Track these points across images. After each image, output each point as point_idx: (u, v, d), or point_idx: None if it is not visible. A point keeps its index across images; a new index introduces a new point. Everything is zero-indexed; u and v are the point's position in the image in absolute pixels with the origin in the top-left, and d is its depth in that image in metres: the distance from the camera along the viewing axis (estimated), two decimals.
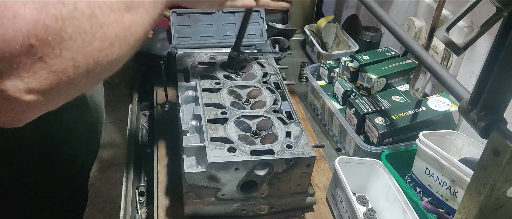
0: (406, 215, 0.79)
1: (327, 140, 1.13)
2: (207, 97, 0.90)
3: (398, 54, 1.22)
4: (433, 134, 0.87)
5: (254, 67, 1.03)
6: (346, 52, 1.34)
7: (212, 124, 0.82)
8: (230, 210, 0.83)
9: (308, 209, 0.89)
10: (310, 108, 1.25)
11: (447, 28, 0.61)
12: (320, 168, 1.00)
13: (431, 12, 1.06)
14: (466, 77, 1.06)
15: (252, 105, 0.91)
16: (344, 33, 1.44)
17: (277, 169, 0.78)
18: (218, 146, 0.76)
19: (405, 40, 0.81)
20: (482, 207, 0.51)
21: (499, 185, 0.49)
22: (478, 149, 0.87)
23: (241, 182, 0.78)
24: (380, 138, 0.95)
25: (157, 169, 0.96)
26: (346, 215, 0.82)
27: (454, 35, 1.02)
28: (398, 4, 1.36)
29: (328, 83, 1.24)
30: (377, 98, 1.05)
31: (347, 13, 1.66)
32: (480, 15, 0.96)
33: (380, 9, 0.90)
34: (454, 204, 0.81)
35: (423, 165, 0.86)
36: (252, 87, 0.96)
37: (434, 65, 0.71)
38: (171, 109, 1.15)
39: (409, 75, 1.15)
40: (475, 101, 0.53)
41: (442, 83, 0.68)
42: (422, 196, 0.88)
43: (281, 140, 0.81)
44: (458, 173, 0.77)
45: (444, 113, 0.99)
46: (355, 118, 1.02)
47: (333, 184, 0.89)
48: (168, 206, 0.87)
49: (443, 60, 1.04)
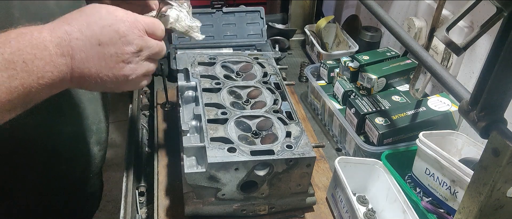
0: (406, 215, 0.79)
1: (327, 140, 1.13)
2: (207, 97, 0.90)
3: (398, 54, 1.22)
4: (433, 134, 0.87)
5: (254, 67, 1.03)
6: (346, 52, 1.34)
7: (212, 124, 0.82)
8: (230, 210, 0.83)
9: (308, 209, 0.89)
10: (310, 108, 1.25)
11: (447, 28, 0.61)
12: (320, 168, 1.00)
13: (431, 12, 1.06)
14: (466, 77, 1.06)
15: (252, 105, 0.91)
16: (344, 33, 1.44)
17: (277, 169, 0.78)
18: (218, 146, 0.77)
19: (405, 40, 0.81)
20: (482, 207, 0.52)
21: (499, 185, 0.49)
22: (478, 149, 0.87)
23: (241, 182, 0.78)
24: (380, 138, 0.95)
25: (157, 169, 0.96)
26: (346, 215, 0.82)
27: (454, 35, 1.02)
28: (398, 4, 1.36)
29: (328, 83, 1.24)
30: (377, 98, 1.05)
31: (347, 13, 1.66)
32: (480, 15, 0.96)
33: (380, 9, 0.90)
34: (454, 204, 0.81)
35: (423, 165, 0.86)
36: (252, 87, 0.96)
37: (434, 65, 0.71)
38: (171, 109, 1.15)
39: (409, 75, 1.15)
40: (475, 101, 0.53)
41: (442, 83, 0.68)
42: (422, 196, 0.88)
43: (281, 140, 0.80)
44: (458, 173, 0.77)
45: (444, 113, 0.99)
46: (355, 118, 1.02)
47: (333, 184, 0.89)
48: (168, 206, 0.87)
49: (443, 60, 1.04)
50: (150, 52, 0.68)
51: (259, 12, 1.33)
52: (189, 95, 0.95)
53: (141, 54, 0.66)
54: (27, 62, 0.55)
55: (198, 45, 1.26)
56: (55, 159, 0.88)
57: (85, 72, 0.61)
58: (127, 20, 0.64)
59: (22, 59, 0.54)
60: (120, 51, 0.63)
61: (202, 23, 1.27)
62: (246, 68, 1.03)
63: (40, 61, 0.56)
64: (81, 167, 0.96)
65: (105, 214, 2.10)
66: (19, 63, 0.54)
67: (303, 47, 1.58)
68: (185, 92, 0.95)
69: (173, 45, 1.20)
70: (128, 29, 0.64)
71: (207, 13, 1.28)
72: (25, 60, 0.55)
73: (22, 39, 0.56)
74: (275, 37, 1.47)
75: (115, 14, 0.64)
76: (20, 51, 0.55)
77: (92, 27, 0.62)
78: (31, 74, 0.55)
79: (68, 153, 0.90)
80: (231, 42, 1.30)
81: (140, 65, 0.67)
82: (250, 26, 1.33)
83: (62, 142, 0.88)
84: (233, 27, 1.30)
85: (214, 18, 1.28)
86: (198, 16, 1.26)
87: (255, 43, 1.30)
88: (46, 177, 0.90)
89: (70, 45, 0.59)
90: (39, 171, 0.87)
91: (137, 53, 0.66)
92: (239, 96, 0.94)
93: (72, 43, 0.60)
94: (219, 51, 1.23)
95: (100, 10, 0.64)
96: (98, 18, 0.63)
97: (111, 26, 0.63)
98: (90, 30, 0.61)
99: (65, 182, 0.94)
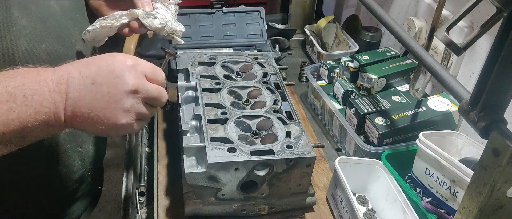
0: (406, 215, 0.79)
1: (327, 140, 1.13)
2: (207, 97, 0.90)
3: (398, 54, 1.22)
4: (433, 134, 0.87)
5: (254, 67, 1.03)
6: (346, 52, 1.34)
7: (212, 124, 0.82)
8: (230, 210, 0.83)
9: (308, 209, 0.89)
10: (310, 108, 1.25)
11: (447, 28, 0.61)
12: (320, 168, 1.00)
13: (431, 12, 1.06)
14: (466, 77, 1.06)
15: (252, 105, 0.91)
16: (344, 33, 1.44)
17: (277, 169, 0.78)
18: (218, 146, 0.77)
19: (405, 40, 0.81)
20: (482, 207, 0.52)
21: (499, 185, 0.49)
22: (478, 149, 0.87)
23: (241, 182, 0.78)
24: (380, 138, 0.95)
25: (157, 169, 0.96)
26: (346, 215, 0.82)
27: (454, 35, 1.02)
28: (398, 4, 1.36)
29: (328, 83, 1.24)
30: (377, 98, 1.05)
31: (347, 13, 1.66)
32: (480, 15, 0.96)
33: (380, 9, 0.90)
34: (454, 204, 0.81)
35: (423, 165, 0.86)
36: (252, 87, 0.96)
37: (434, 65, 0.71)
38: (171, 109, 1.15)
39: (409, 75, 1.15)
40: (475, 101, 0.53)
41: (442, 83, 0.68)
42: (422, 196, 0.88)
43: (281, 140, 0.80)
44: (458, 173, 0.77)
45: (444, 113, 0.99)
46: (355, 118, 1.02)
47: (333, 184, 0.89)
48: (168, 206, 0.87)
49: (443, 60, 1.04)
50: (147, 95, 0.65)
51: (259, 12, 1.33)
52: (189, 95, 0.95)
53: (136, 96, 0.64)
54: (27, 96, 0.56)
55: (198, 45, 1.26)
56: (52, 159, 0.88)
57: (76, 111, 0.61)
58: (126, 62, 0.63)
59: (23, 93, 0.56)
60: (113, 91, 0.62)
61: (202, 23, 1.28)
62: (246, 68, 1.03)
63: (39, 96, 0.58)
64: (79, 167, 0.96)
65: (105, 214, 2.10)
66: (20, 96, 0.56)
67: (303, 47, 1.58)
68: (185, 92, 0.95)
69: (173, 45, 1.20)
70: (124, 70, 0.63)
71: (207, 13, 1.28)
72: (25, 94, 0.56)
73: (29, 75, 0.58)
74: (275, 37, 1.47)
75: (116, 57, 0.64)
76: (24, 86, 0.57)
77: (90, 67, 0.62)
78: (29, 109, 0.57)
79: (65, 152, 0.90)
80: (231, 42, 1.30)
81: (133, 108, 0.64)
82: (250, 26, 1.33)
83: (59, 141, 0.87)
84: (233, 27, 1.30)
85: (214, 18, 1.28)
86: (198, 16, 1.26)
87: (255, 43, 1.30)
88: (43, 177, 0.89)
89: (66, 83, 0.60)
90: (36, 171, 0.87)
91: (132, 94, 0.63)
92: (239, 96, 0.94)
93: (69, 81, 0.61)
94: (219, 51, 1.22)
95: (106, 55, 0.65)
96: (98, 59, 0.63)
97: (107, 66, 0.62)
98: (87, 70, 0.62)
99: (63, 182, 0.94)
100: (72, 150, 0.92)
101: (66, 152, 0.91)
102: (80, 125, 0.63)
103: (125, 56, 0.65)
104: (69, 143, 0.91)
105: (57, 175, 0.92)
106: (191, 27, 1.24)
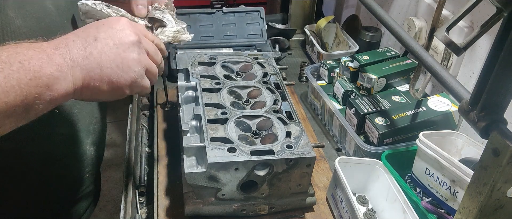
0: (406, 215, 0.79)
1: (327, 140, 1.13)
2: (207, 97, 0.90)
3: (398, 54, 1.22)
4: (433, 134, 0.87)
5: (254, 67, 1.03)
6: (346, 52, 1.34)
7: (212, 124, 0.82)
8: (230, 210, 0.83)
9: (308, 209, 0.89)
10: (310, 108, 1.25)
11: (447, 28, 0.61)
12: (320, 168, 1.00)
13: (431, 12, 1.06)
14: (466, 77, 1.06)
15: (252, 105, 0.91)
16: (344, 33, 1.44)
17: (277, 169, 0.78)
18: (218, 146, 0.77)
19: (405, 40, 0.81)
20: (482, 208, 0.51)
21: (499, 185, 0.49)
22: (478, 149, 0.87)
23: (241, 182, 0.78)
24: (380, 138, 0.95)
25: (157, 169, 0.96)
26: (346, 215, 0.82)
27: (454, 35, 1.02)
28: (398, 4, 1.36)
29: (328, 83, 1.24)
30: (377, 98, 1.05)
31: (347, 13, 1.66)
32: (480, 15, 0.96)
33: (380, 9, 0.90)
34: (454, 204, 0.81)
35: (423, 165, 0.86)
36: (252, 87, 0.96)
37: (434, 65, 0.71)
38: (171, 109, 1.15)
39: (409, 75, 1.15)
40: (475, 101, 0.53)
41: (442, 83, 0.68)
42: (422, 196, 0.88)
43: (281, 140, 0.81)
44: (458, 173, 0.77)
45: (444, 113, 0.99)
46: (355, 118, 1.02)
47: (333, 184, 0.89)
48: (168, 206, 0.87)
49: (443, 60, 1.04)
50: (147, 48, 0.67)
51: (259, 12, 1.33)
52: (189, 95, 0.95)
53: (141, 46, 0.65)
54: (23, 62, 0.54)
55: (198, 45, 1.27)
56: (49, 161, 0.88)
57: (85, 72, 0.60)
58: (121, 20, 0.65)
59: (19, 60, 0.54)
60: (119, 42, 0.63)
61: (202, 23, 1.28)
62: (246, 68, 1.03)
63: (37, 61, 0.55)
64: (77, 168, 0.96)
65: (105, 214, 2.10)
66: (15, 63, 0.53)
67: (303, 47, 1.58)
68: (185, 92, 0.95)
69: (173, 45, 1.20)
70: (124, 25, 0.65)
71: (207, 13, 1.28)
72: (21, 60, 0.54)
73: (20, 45, 0.56)
74: (275, 37, 1.47)
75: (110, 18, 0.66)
76: (17, 54, 0.54)
77: (88, 29, 0.63)
78: (28, 73, 0.54)
79: (62, 154, 0.90)
80: (231, 42, 1.30)
81: (142, 57, 0.65)
82: (250, 26, 1.33)
83: (56, 143, 0.87)
84: (233, 27, 1.30)
85: (214, 18, 1.28)
86: (198, 16, 1.26)
87: (255, 43, 1.30)
88: (42, 179, 0.90)
89: (66, 46, 0.59)
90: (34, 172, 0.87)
91: (137, 44, 0.65)
92: (239, 96, 0.94)
93: (68, 45, 0.60)
94: (219, 51, 1.23)
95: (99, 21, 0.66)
96: (94, 23, 0.65)
97: (105, 24, 0.64)
98: (85, 32, 0.62)
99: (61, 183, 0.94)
100: (70, 151, 0.92)
101: (64, 152, 0.91)
102: (91, 88, 0.61)
103: (118, 17, 0.67)
104: (67, 143, 0.91)
105: (56, 175, 0.92)
106: (191, 27, 1.25)
